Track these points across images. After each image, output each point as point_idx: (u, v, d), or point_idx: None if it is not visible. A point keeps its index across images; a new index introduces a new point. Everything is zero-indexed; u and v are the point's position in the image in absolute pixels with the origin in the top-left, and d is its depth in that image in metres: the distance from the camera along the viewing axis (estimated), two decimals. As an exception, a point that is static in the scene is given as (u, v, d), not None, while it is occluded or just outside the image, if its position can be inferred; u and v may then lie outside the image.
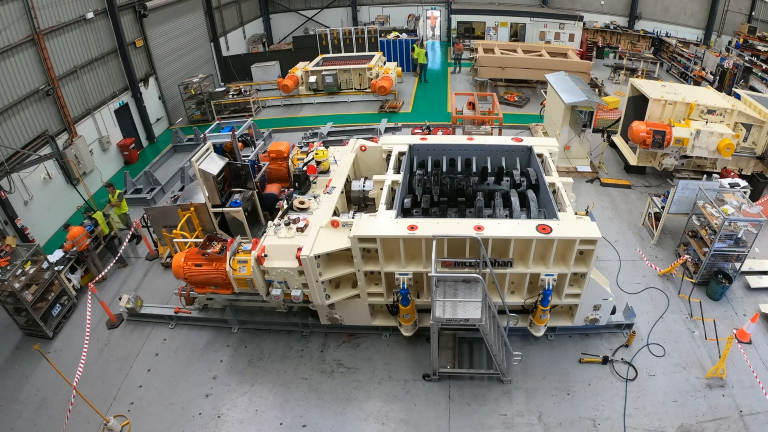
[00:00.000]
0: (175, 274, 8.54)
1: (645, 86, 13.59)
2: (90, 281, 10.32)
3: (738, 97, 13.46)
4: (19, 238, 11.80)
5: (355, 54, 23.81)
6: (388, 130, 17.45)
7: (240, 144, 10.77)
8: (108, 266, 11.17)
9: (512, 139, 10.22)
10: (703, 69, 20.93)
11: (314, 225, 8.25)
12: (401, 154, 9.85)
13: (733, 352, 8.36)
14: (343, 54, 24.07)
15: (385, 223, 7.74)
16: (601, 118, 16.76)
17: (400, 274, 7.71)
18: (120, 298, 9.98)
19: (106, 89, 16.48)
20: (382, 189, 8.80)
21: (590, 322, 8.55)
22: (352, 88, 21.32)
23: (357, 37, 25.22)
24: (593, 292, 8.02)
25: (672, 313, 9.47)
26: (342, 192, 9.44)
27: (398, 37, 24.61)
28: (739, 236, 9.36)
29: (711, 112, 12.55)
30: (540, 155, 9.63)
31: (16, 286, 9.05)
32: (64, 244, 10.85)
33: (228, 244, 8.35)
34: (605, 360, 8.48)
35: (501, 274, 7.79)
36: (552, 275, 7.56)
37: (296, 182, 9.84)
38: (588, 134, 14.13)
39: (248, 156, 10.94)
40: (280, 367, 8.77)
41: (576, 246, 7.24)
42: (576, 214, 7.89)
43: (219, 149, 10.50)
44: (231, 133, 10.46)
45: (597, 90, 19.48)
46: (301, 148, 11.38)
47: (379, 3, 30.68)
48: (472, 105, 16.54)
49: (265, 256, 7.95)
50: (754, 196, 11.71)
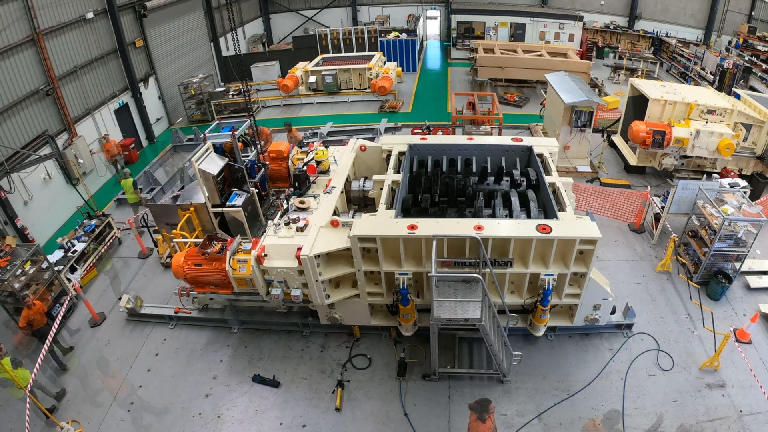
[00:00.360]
0: (175, 273, 8.54)
1: (645, 86, 13.60)
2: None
3: (738, 97, 13.47)
4: (19, 238, 11.80)
5: (355, 54, 23.81)
6: (388, 130, 17.45)
7: (240, 144, 10.77)
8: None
9: (512, 139, 10.22)
10: (703, 69, 20.92)
11: (314, 225, 8.24)
12: (401, 154, 9.86)
13: (732, 352, 8.37)
14: (343, 54, 24.07)
15: (385, 222, 7.74)
16: (601, 118, 16.80)
17: (400, 274, 7.71)
18: (120, 299, 9.98)
19: (106, 89, 16.48)
20: (382, 189, 8.80)
21: (590, 322, 8.54)
22: (352, 88, 21.32)
23: (357, 37, 25.23)
24: (593, 292, 8.02)
25: (672, 313, 9.48)
26: (342, 192, 9.44)
27: (398, 37, 24.61)
28: (739, 236, 9.36)
29: (711, 112, 12.56)
30: (540, 155, 9.62)
31: (16, 286, 9.06)
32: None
33: (228, 243, 8.35)
34: None
35: (501, 274, 7.79)
36: (552, 275, 7.56)
37: (296, 182, 9.84)
38: (588, 134, 14.14)
39: (248, 156, 10.94)
40: (280, 367, 8.77)
41: (576, 246, 7.23)
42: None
43: (219, 149, 10.51)
44: (231, 133, 10.45)
45: (597, 90, 19.48)
46: (301, 148, 11.36)
47: (379, 3, 30.68)
48: (472, 105, 16.53)
49: (265, 255, 7.94)
50: (753, 196, 11.71)
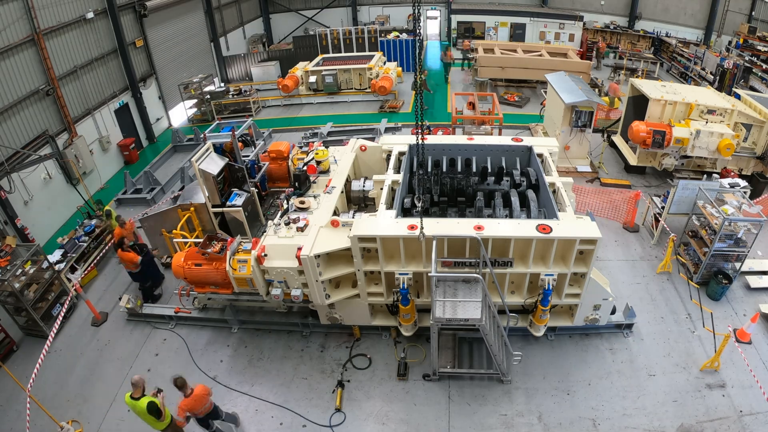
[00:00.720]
0: (175, 273, 8.54)
1: (645, 86, 13.59)
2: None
3: (738, 97, 13.46)
4: (19, 238, 11.79)
5: (355, 54, 23.81)
6: (388, 130, 17.45)
7: (240, 144, 10.77)
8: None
9: (512, 139, 10.22)
10: (703, 69, 20.92)
11: (314, 225, 8.25)
12: (401, 154, 9.86)
13: (732, 352, 8.37)
14: (343, 54, 24.07)
15: (385, 222, 7.74)
16: (602, 118, 16.78)
17: (400, 274, 7.71)
18: (120, 298, 9.98)
19: (106, 89, 16.48)
20: (382, 189, 8.81)
21: (590, 322, 8.54)
22: (352, 88, 21.32)
23: (357, 37, 25.23)
24: (593, 292, 8.02)
25: (672, 313, 9.48)
26: (342, 192, 9.45)
27: (398, 37, 24.60)
28: (739, 236, 9.36)
29: (711, 112, 12.56)
30: (540, 155, 9.63)
31: (17, 285, 9.06)
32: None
33: (228, 243, 8.35)
34: None
35: (501, 274, 7.79)
36: (552, 275, 7.56)
37: (296, 182, 9.84)
38: (588, 134, 14.13)
39: (248, 156, 10.94)
40: (280, 367, 8.77)
41: (576, 246, 7.24)
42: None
43: (219, 149, 10.51)
44: (231, 133, 10.46)
45: (597, 90, 19.48)
46: (301, 148, 11.37)
47: (379, 3, 30.67)
48: (472, 105, 16.53)
49: (265, 255, 7.95)
50: (753, 196, 11.71)
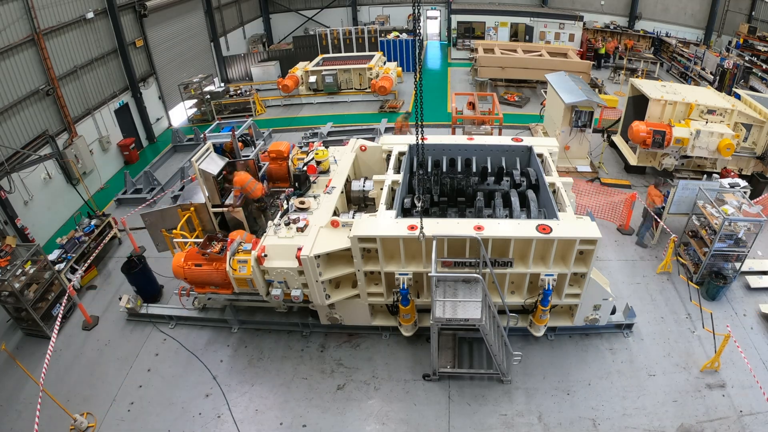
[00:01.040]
0: (175, 274, 8.54)
1: (645, 86, 13.60)
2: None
3: (738, 97, 13.47)
4: (19, 238, 11.79)
5: (355, 54, 23.82)
6: (388, 130, 17.45)
7: (240, 144, 10.77)
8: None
9: (512, 139, 10.22)
10: (703, 69, 20.91)
11: (314, 225, 8.25)
12: (401, 154, 9.86)
13: (732, 352, 8.37)
14: (343, 54, 24.08)
15: (385, 223, 7.74)
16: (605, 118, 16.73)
17: (400, 274, 7.72)
18: (120, 298, 9.97)
19: (106, 89, 16.47)
20: (382, 189, 8.80)
21: (590, 322, 8.55)
22: (352, 88, 21.32)
23: (357, 37, 25.24)
24: (593, 292, 8.02)
25: (672, 313, 9.48)
26: (342, 192, 9.44)
27: (398, 37, 24.61)
28: (739, 236, 9.36)
29: (711, 112, 12.56)
30: (540, 155, 9.63)
31: (17, 285, 9.05)
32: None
33: (228, 244, 8.35)
34: None
35: (501, 274, 7.79)
36: (552, 275, 7.56)
37: (296, 182, 9.83)
38: (588, 134, 14.13)
39: (248, 156, 10.93)
40: (280, 367, 8.77)
41: (576, 246, 7.24)
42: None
43: (219, 149, 10.50)
44: (231, 133, 10.45)
45: (597, 90, 19.48)
46: (301, 148, 11.36)
47: (379, 3, 30.67)
48: (472, 105, 16.54)
49: (265, 256, 7.94)
50: (753, 196, 11.70)
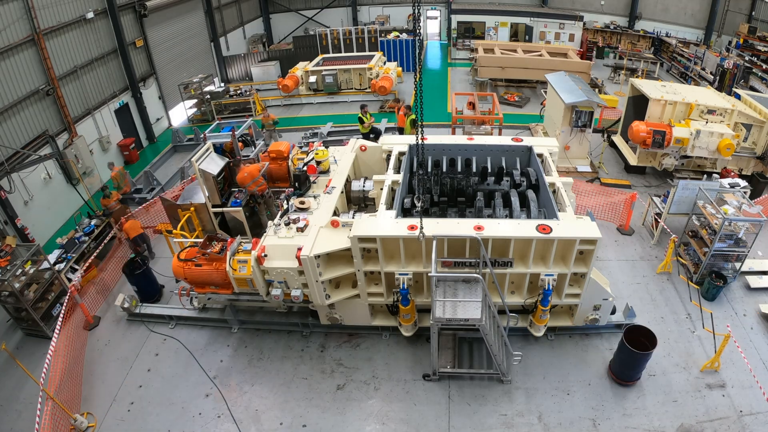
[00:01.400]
0: (175, 274, 8.54)
1: (645, 86, 13.59)
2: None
3: (738, 97, 13.47)
4: (19, 238, 11.80)
5: (355, 54, 23.81)
6: (388, 130, 17.45)
7: (240, 144, 10.77)
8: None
9: (512, 139, 10.22)
10: (703, 69, 20.90)
11: (314, 225, 8.25)
12: (401, 154, 9.86)
13: (732, 352, 8.37)
14: (343, 54, 24.07)
15: (385, 223, 7.74)
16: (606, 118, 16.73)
17: (400, 274, 7.72)
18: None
19: (106, 89, 16.48)
20: (382, 189, 8.81)
21: (590, 322, 8.54)
22: (352, 88, 21.32)
23: (357, 37, 25.23)
24: (593, 292, 8.02)
25: (672, 313, 9.48)
26: (342, 192, 9.44)
27: (398, 37, 24.61)
28: (739, 236, 9.36)
29: (711, 112, 12.56)
30: (540, 155, 9.63)
31: (17, 285, 9.06)
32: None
33: (228, 244, 8.35)
34: None
35: (501, 274, 7.79)
36: (552, 275, 7.57)
37: (296, 182, 9.83)
38: (588, 134, 14.13)
39: (248, 156, 10.94)
40: (280, 367, 8.77)
41: (576, 246, 7.24)
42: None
43: (219, 149, 10.51)
44: (231, 133, 10.46)
45: (597, 90, 19.48)
46: (301, 148, 11.36)
47: (379, 3, 30.67)
48: (472, 105, 16.54)
49: (265, 256, 7.94)
50: (753, 196, 11.70)
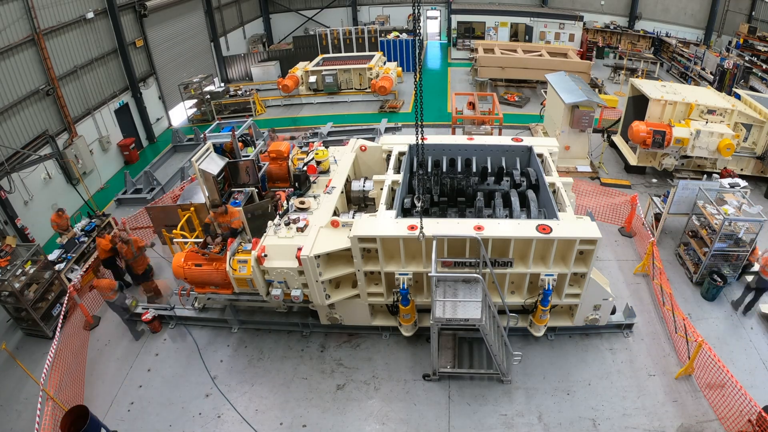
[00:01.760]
0: (175, 274, 8.54)
1: (645, 86, 13.59)
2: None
3: (738, 97, 13.47)
4: (19, 238, 11.81)
5: (355, 54, 23.82)
6: (388, 130, 17.46)
7: (240, 144, 10.76)
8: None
9: (512, 139, 10.22)
10: (703, 69, 20.90)
11: (314, 225, 8.25)
12: (401, 154, 9.86)
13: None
14: (343, 54, 24.08)
15: (385, 223, 7.74)
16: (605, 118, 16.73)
17: (400, 274, 7.72)
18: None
19: (106, 89, 16.48)
20: (382, 189, 8.80)
21: (590, 322, 8.54)
22: (352, 88, 21.32)
23: (357, 37, 25.24)
24: (593, 292, 8.02)
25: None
26: (342, 192, 9.44)
27: (398, 37, 24.61)
28: (739, 236, 9.35)
29: (711, 112, 12.56)
30: (540, 155, 9.63)
31: (17, 285, 9.06)
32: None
33: (228, 244, 8.35)
34: None
35: (501, 274, 7.79)
36: (552, 275, 7.56)
37: (296, 182, 9.84)
38: (588, 134, 14.13)
39: (248, 156, 10.92)
40: (280, 367, 8.77)
41: (576, 246, 7.24)
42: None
43: (219, 149, 10.50)
44: (231, 133, 10.45)
45: (597, 90, 19.48)
46: (301, 148, 11.37)
47: (379, 3, 30.68)
48: (472, 105, 16.56)
49: (265, 256, 7.94)
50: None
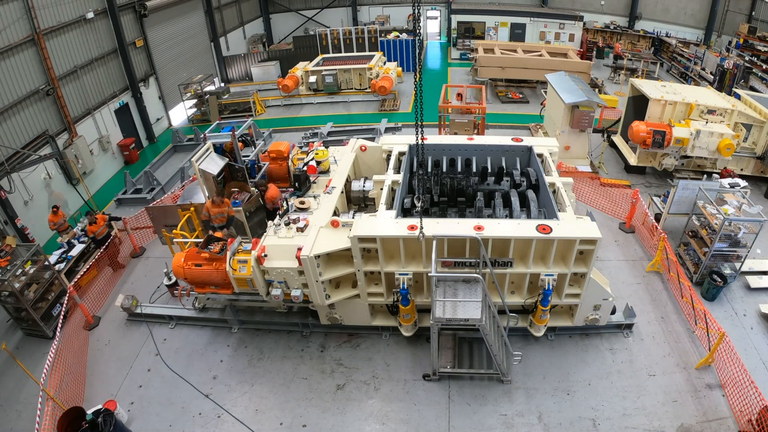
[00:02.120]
0: (175, 273, 8.54)
1: (645, 86, 13.59)
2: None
3: (738, 97, 13.46)
4: (19, 238, 11.81)
5: (355, 54, 23.83)
6: (388, 130, 17.46)
7: (240, 144, 10.77)
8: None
9: (512, 139, 10.22)
10: (703, 69, 20.90)
11: (314, 225, 8.25)
12: (401, 154, 9.86)
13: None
14: (343, 54, 24.08)
15: (385, 223, 7.74)
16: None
17: (400, 274, 7.72)
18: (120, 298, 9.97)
19: (106, 89, 16.48)
20: (382, 189, 8.81)
21: (590, 322, 8.54)
22: (352, 88, 21.33)
23: (357, 37, 25.24)
24: (593, 292, 8.02)
25: (672, 313, 9.47)
26: (342, 192, 9.45)
27: (398, 37, 24.61)
28: (739, 236, 9.35)
29: (711, 112, 12.56)
30: (540, 155, 9.63)
31: (17, 286, 9.06)
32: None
33: (228, 244, 8.35)
34: None
35: (501, 274, 7.79)
36: (552, 275, 7.56)
37: (296, 182, 9.83)
38: (588, 134, 14.13)
39: (248, 156, 10.94)
40: (280, 367, 8.77)
41: (576, 246, 7.24)
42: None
43: (219, 149, 10.50)
44: (231, 133, 10.45)
45: (597, 90, 19.49)
46: (301, 148, 11.36)
47: (379, 3, 30.69)
48: (460, 96, 16.84)
49: (265, 256, 7.94)
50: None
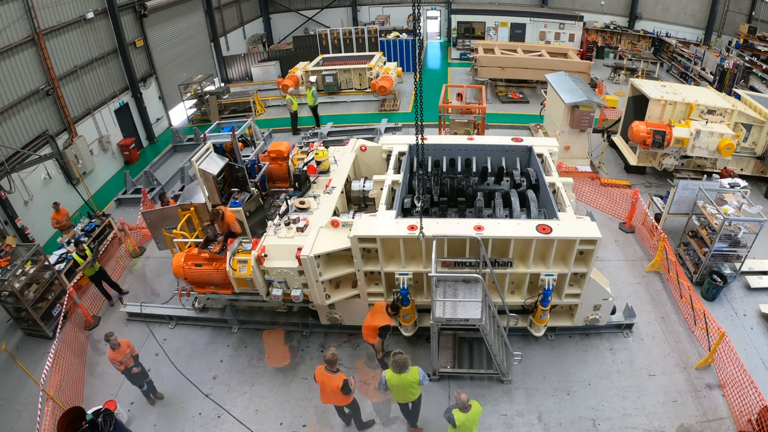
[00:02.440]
0: (175, 274, 8.54)
1: (645, 86, 13.59)
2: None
3: (738, 97, 13.47)
4: (19, 238, 11.80)
5: (355, 54, 23.80)
6: (388, 130, 17.46)
7: (240, 144, 10.76)
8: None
9: (512, 139, 10.22)
10: (703, 69, 20.90)
11: (314, 225, 8.25)
12: (401, 154, 9.86)
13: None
14: (343, 54, 24.07)
15: (385, 223, 7.74)
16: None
17: (400, 274, 7.72)
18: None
19: (106, 89, 16.48)
20: (382, 189, 8.81)
21: (590, 322, 8.54)
22: (352, 88, 21.32)
23: (357, 37, 25.23)
24: (593, 292, 8.02)
25: (672, 313, 9.48)
26: (342, 192, 9.45)
27: (398, 37, 24.61)
28: (739, 236, 9.35)
29: (711, 112, 12.56)
30: (540, 155, 9.63)
31: (17, 286, 9.06)
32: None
33: (228, 244, 8.35)
34: None
35: (501, 274, 7.79)
36: (552, 275, 7.57)
37: (296, 182, 9.84)
38: (588, 134, 14.13)
39: (248, 156, 10.92)
40: (280, 367, 8.77)
41: (576, 246, 7.24)
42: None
43: (219, 149, 10.50)
44: (231, 133, 10.44)
45: (596, 90, 19.48)
46: (301, 148, 11.37)
47: (379, 3, 30.67)
48: (460, 96, 16.85)
49: (265, 256, 7.95)
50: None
